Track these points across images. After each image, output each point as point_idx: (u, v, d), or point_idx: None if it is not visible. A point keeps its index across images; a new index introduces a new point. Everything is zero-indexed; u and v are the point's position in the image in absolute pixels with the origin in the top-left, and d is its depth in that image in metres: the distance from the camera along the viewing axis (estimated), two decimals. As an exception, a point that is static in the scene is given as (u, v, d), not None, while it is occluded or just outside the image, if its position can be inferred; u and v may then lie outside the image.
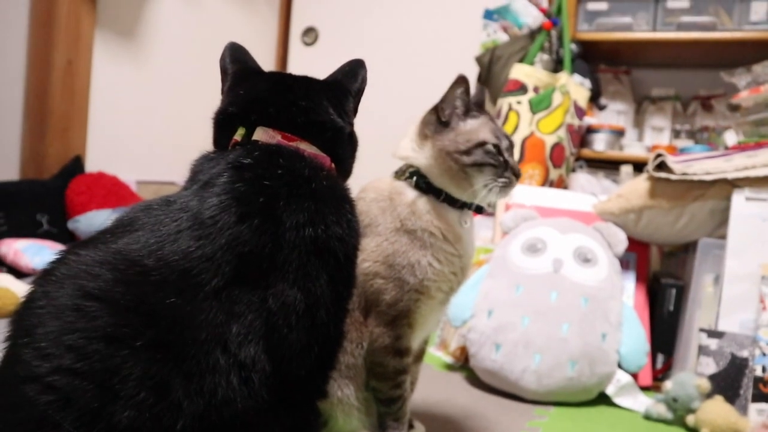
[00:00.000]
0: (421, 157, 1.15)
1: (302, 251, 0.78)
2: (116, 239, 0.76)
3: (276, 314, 0.75)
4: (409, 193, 1.15)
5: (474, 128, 1.14)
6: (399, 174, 1.18)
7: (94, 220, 2.31)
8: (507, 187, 1.14)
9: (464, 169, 1.12)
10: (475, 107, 1.17)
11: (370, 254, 1.11)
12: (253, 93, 0.92)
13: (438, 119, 1.15)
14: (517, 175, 1.15)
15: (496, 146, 1.13)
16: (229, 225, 0.75)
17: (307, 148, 0.89)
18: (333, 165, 0.93)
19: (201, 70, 3.10)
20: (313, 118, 0.91)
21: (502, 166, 1.13)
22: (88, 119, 2.61)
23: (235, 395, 0.71)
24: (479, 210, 1.18)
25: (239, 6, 3.40)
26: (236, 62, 0.99)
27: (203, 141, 0.95)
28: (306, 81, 0.96)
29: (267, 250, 0.76)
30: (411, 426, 1.27)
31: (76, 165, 2.51)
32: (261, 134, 0.88)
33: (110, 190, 2.48)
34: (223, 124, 0.93)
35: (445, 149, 1.12)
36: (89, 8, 2.51)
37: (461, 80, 1.13)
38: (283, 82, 0.95)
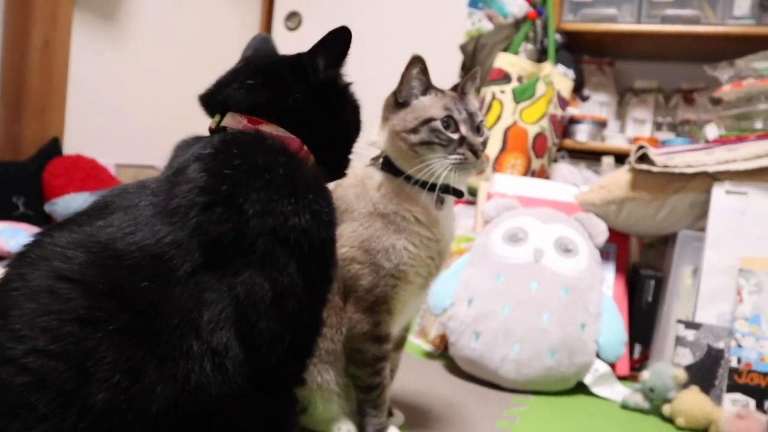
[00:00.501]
0: (382, 140, 1.14)
1: (267, 240, 0.76)
2: (91, 222, 0.75)
3: (244, 302, 0.74)
4: (378, 177, 1.14)
5: (425, 105, 1.11)
6: (374, 159, 1.17)
7: (71, 203, 2.27)
8: (462, 164, 1.08)
9: (413, 149, 1.09)
10: (437, 88, 1.14)
11: (347, 239, 1.10)
12: (222, 76, 0.91)
13: (396, 101, 1.13)
14: (475, 152, 1.09)
15: (447, 120, 1.09)
16: (195, 213, 0.75)
17: (273, 130, 0.87)
18: (305, 147, 0.89)
19: (182, 52, 3.06)
20: (265, 98, 0.87)
21: (455, 143, 1.09)
22: (67, 101, 2.56)
23: (209, 381, 0.71)
24: (459, 194, 1.17)
25: (222, -11, 3.36)
26: (249, 50, 0.97)
27: (184, 124, 0.93)
28: (268, 58, 0.93)
29: (230, 238, 0.75)
30: (390, 414, 1.27)
31: (53, 147, 2.46)
32: (229, 120, 0.87)
33: (89, 173, 2.44)
34: (205, 109, 0.92)
35: (394, 129, 1.11)
36: (68, -13, 2.46)
37: (415, 60, 1.11)
38: (244, 62, 0.93)
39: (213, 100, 0.89)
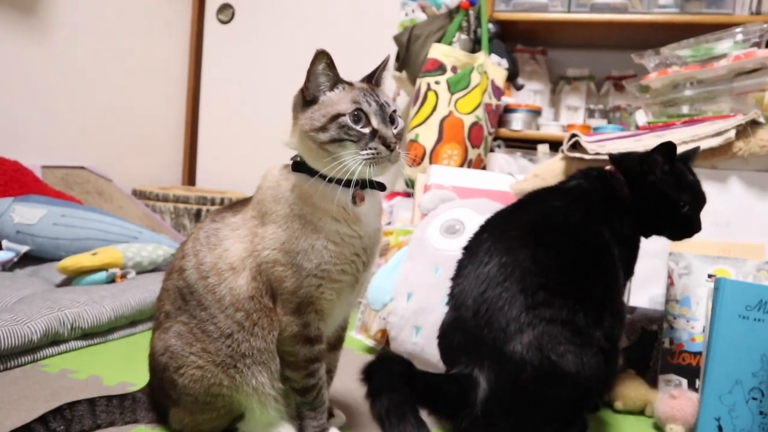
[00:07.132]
0: (294, 140, 1.09)
1: None
2: None
3: None
4: (293, 178, 1.10)
5: (333, 101, 1.05)
6: (292, 159, 1.14)
7: (-7, 208, 2.16)
8: (375, 159, 1.02)
9: (323, 147, 1.03)
10: (345, 81, 1.08)
11: (268, 242, 1.07)
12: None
13: (304, 98, 1.08)
14: (387, 144, 1.03)
15: (357, 114, 1.03)
16: None
17: None
18: None
19: (110, 46, 2.95)
20: None
21: (366, 137, 1.03)
22: (-15, 101, 2.45)
23: None
24: (381, 188, 1.13)
25: (149, -19, 3.25)
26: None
27: (113, 121, 0.89)
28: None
29: None
30: (331, 415, 1.25)
31: (-29, 150, 2.35)
32: None
33: (12, 176, 2.33)
34: None
35: (303, 129, 1.06)
36: (-19, -19, 2.34)
37: (320, 54, 1.05)
38: None
39: None
